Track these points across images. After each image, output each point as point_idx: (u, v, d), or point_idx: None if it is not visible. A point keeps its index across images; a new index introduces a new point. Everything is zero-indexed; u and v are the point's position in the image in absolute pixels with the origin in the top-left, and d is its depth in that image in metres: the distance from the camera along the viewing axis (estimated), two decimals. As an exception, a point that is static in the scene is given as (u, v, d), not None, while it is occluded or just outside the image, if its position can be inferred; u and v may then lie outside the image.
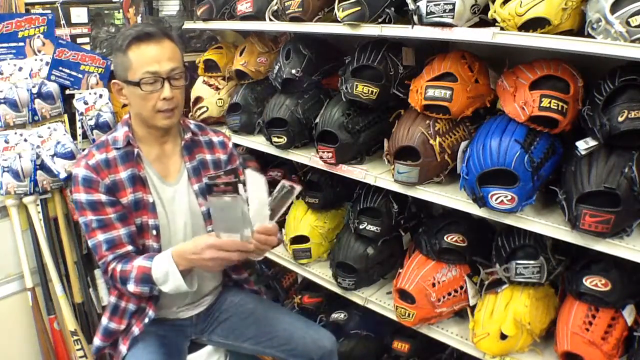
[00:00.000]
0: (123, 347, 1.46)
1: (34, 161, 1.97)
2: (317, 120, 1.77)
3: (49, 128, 2.02)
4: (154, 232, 1.43)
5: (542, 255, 1.45)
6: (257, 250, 1.27)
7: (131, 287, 1.33)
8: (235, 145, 1.74)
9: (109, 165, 1.39)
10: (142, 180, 1.42)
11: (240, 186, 1.16)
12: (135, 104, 1.39)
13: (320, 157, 1.77)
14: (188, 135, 1.51)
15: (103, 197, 1.37)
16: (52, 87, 2.04)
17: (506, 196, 1.32)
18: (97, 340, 1.50)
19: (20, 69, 1.97)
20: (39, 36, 2.04)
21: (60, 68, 2.04)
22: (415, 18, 1.38)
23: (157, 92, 1.34)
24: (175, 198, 1.47)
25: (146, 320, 1.46)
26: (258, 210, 1.25)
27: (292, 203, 1.27)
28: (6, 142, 1.94)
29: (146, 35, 1.33)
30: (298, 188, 1.28)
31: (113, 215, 1.38)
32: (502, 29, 1.26)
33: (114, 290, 1.47)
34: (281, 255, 2.12)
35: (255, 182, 1.25)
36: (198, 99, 2.24)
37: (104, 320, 1.49)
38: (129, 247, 1.40)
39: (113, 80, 1.42)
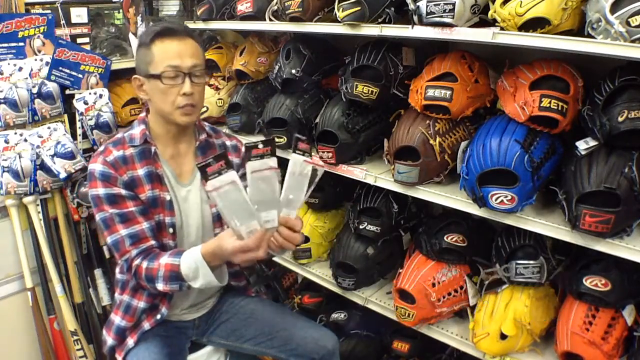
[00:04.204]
0: (130, 341, 1.46)
1: (34, 161, 1.97)
2: (317, 120, 1.77)
3: (49, 128, 2.02)
4: (171, 230, 1.43)
5: (542, 255, 1.45)
6: (282, 246, 1.22)
7: (160, 285, 1.31)
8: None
9: (127, 162, 1.39)
10: (160, 177, 1.42)
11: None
12: (155, 99, 1.39)
13: (320, 157, 1.77)
14: (203, 136, 1.52)
15: (123, 191, 1.36)
16: (52, 87, 2.04)
17: (506, 196, 1.32)
18: (110, 340, 1.49)
19: (20, 69, 1.97)
20: (39, 36, 2.04)
21: (60, 68, 2.04)
22: (415, 18, 1.38)
23: (178, 87, 1.35)
24: (188, 198, 1.47)
25: (158, 316, 1.47)
26: (285, 195, 1.20)
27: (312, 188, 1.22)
28: (6, 142, 1.94)
29: (170, 30, 1.36)
30: (321, 170, 1.22)
31: (134, 209, 1.37)
32: (502, 29, 1.26)
33: (127, 289, 1.47)
34: (281, 255, 2.12)
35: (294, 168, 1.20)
36: (198, 99, 2.24)
37: (117, 319, 1.48)
38: (152, 242, 1.38)
39: (134, 76, 1.41)
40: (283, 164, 1.18)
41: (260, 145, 1.13)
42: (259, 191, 1.16)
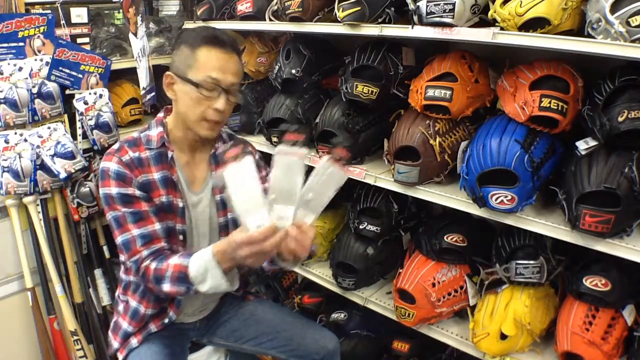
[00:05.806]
0: (134, 340, 1.45)
1: (34, 161, 1.97)
2: (317, 120, 1.77)
3: (49, 128, 2.02)
4: (181, 237, 1.41)
5: (542, 255, 1.45)
6: (294, 250, 1.13)
7: (166, 286, 1.26)
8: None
9: (142, 164, 1.36)
10: (174, 184, 1.39)
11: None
12: (184, 104, 1.35)
13: (320, 157, 1.76)
14: (219, 144, 1.49)
15: (137, 192, 1.33)
16: (52, 87, 2.04)
17: (506, 196, 1.32)
18: (116, 344, 1.48)
19: (20, 69, 1.97)
20: (39, 36, 2.04)
21: (60, 68, 2.04)
22: (415, 18, 1.38)
23: (211, 101, 1.32)
24: (198, 207, 1.45)
25: (166, 320, 1.46)
26: (304, 193, 1.11)
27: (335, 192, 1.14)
28: (6, 142, 1.94)
29: (220, 41, 1.32)
30: (343, 174, 1.13)
31: (148, 209, 1.34)
32: (502, 29, 1.26)
33: (129, 291, 1.46)
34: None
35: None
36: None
37: (124, 324, 1.46)
38: (164, 243, 1.35)
39: (167, 72, 1.36)
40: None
41: (294, 131, 1.08)
42: (281, 176, 1.09)
